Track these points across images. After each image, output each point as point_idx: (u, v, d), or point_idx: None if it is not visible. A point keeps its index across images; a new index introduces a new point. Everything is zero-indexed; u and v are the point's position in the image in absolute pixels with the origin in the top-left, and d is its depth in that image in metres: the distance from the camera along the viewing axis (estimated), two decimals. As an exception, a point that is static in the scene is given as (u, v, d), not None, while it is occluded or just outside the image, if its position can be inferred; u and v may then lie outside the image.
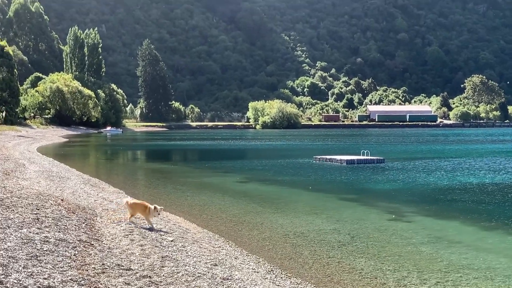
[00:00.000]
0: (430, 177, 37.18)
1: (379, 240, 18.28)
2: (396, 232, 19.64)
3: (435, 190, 30.96)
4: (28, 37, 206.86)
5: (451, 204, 26.22)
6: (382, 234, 19.24)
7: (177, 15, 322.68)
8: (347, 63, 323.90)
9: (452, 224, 21.30)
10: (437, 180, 35.29)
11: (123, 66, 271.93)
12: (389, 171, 41.26)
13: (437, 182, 34.48)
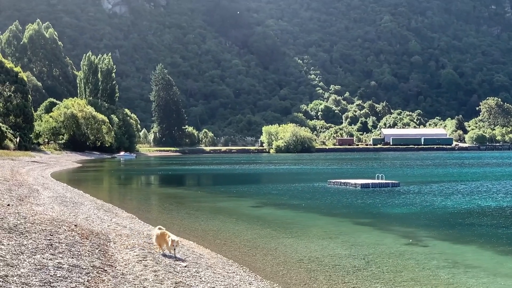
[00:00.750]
0: (447, 200, 36.82)
1: (395, 265, 18.03)
2: (413, 256, 19.38)
3: (453, 214, 30.63)
4: (42, 63, 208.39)
5: (469, 228, 25.90)
6: (398, 259, 18.98)
7: (190, 40, 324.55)
8: (361, 86, 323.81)
9: (470, 249, 20.99)
10: (454, 204, 34.93)
11: (136, 91, 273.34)
12: (404, 195, 40.92)
13: (455, 205, 34.13)
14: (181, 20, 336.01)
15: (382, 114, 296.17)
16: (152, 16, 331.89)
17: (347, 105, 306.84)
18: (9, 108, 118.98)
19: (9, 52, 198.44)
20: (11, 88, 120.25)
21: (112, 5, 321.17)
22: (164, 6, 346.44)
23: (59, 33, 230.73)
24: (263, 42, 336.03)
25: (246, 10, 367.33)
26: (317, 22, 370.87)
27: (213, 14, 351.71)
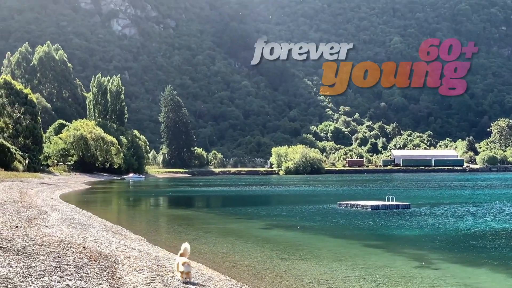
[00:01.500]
0: (459, 222, 36.48)
1: (407, 289, 17.75)
2: (424, 279, 19.10)
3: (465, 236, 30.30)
4: (52, 84, 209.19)
5: (481, 251, 25.57)
6: (409, 282, 18.71)
7: (199, 61, 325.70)
8: (371, 108, 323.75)
9: (482, 271, 20.69)
10: (466, 226, 34.59)
11: (145, 112, 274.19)
12: (415, 216, 40.60)
13: (467, 227, 33.80)
14: (190, 42, 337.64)
15: (392, 135, 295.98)
16: (162, 38, 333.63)
17: (357, 127, 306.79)
18: (18, 130, 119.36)
19: (18, 73, 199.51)
20: (20, 109, 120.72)
21: (122, 27, 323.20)
22: (173, 27, 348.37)
23: (69, 55, 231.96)
24: (273, 64, 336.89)
25: (255, 31, 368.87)
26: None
27: (222, 35, 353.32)
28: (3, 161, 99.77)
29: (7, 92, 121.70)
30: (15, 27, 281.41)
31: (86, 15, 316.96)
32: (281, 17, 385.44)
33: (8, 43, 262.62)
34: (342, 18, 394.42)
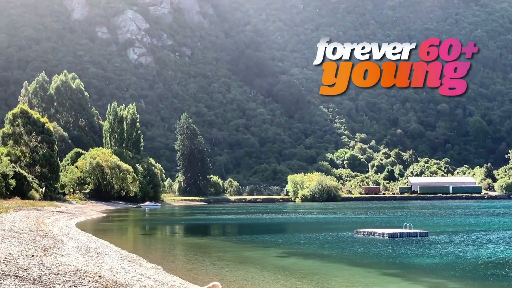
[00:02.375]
0: (479, 250, 35.93)
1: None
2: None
3: (486, 265, 29.79)
4: (68, 113, 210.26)
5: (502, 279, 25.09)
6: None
7: (215, 89, 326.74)
8: (387, 135, 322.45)
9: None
10: (487, 254, 34.04)
11: (161, 140, 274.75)
12: (433, 244, 40.07)
13: (488, 256, 33.25)
14: (206, 70, 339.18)
15: (409, 162, 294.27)
16: (177, 66, 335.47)
17: (373, 154, 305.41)
18: (35, 159, 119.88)
19: (36, 103, 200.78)
20: (37, 138, 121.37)
21: (138, 56, 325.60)
22: (189, 56, 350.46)
23: (85, 83, 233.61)
24: (288, 91, 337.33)
25: (270, 59, 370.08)
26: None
27: (238, 63, 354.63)
28: (20, 189, 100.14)
29: (24, 121, 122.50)
30: (32, 57, 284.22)
31: (103, 44, 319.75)
32: (297, 44, 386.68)
33: (26, 73, 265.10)
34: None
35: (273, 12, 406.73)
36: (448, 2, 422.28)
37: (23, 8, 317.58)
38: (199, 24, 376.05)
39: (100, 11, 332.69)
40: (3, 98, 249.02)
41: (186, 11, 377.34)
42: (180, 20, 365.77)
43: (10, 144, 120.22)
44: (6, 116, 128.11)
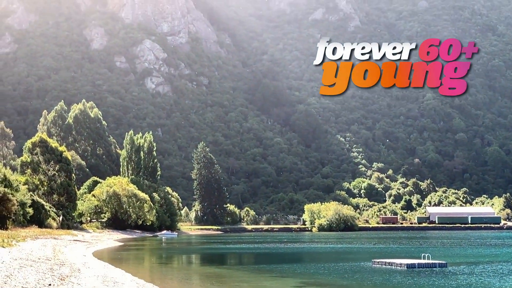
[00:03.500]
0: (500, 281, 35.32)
1: None
2: None
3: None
4: (86, 142, 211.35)
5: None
6: None
7: (232, 118, 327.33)
8: (404, 164, 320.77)
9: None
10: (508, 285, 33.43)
11: (178, 169, 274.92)
12: (453, 275, 39.48)
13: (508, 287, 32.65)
14: (223, 99, 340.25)
15: (427, 192, 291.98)
16: (195, 95, 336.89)
17: (391, 183, 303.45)
18: (53, 187, 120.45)
19: (54, 131, 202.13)
20: (55, 167, 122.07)
21: (156, 85, 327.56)
22: (206, 85, 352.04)
23: (103, 112, 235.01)
24: (305, 120, 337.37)
25: (287, 88, 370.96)
26: (359, 100, 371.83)
27: (255, 92, 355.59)
28: (38, 218, 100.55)
29: (42, 150, 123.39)
30: (51, 86, 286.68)
31: (121, 73, 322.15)
32: (313, 74, 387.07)
33: (45, 102, 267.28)
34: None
35: (290, 42, 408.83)
36: (465, 32, 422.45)
37: (43, 38, 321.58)
38: (216, 54, 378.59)
39: (118, 41, 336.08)
40: (22, 127, 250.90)
41: (204, 40, 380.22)
42: (198, 50, 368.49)
43: (28, 172, 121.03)
44: (25, 145, 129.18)
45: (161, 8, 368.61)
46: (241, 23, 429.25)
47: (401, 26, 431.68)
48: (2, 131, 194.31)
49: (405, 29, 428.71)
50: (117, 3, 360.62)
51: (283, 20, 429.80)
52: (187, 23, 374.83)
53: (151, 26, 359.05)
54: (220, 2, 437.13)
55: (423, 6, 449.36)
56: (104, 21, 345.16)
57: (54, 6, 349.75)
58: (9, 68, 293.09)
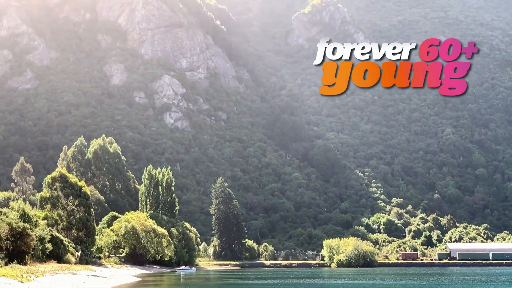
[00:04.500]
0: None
1: None
2: None
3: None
4: (105, 177, 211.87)
5: None
6: None
7: (250, 153, 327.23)
8: (424, 199, 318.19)
9: None
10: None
11: (196, 204, 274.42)
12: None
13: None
14: (241, 134, 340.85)
15: (447, 228, 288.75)
16: (213, 130, 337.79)
17: (410, 219, 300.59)
18: (71, 222, 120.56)
19: (74, 166, 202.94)
20: (74, 202, 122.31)
21: (174, 120, 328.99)
22: (224, 120, 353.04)
23: (122, 147, 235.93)
24: (324, 155, 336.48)
25: (306, 123, 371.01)
26: (377, 135, 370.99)
27: (273, 127, 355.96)
28: (56, 253, 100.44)
29: (62, 185, 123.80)
30: (71, 121, 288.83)
31: (140, 109, 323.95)
32: (332, 109, 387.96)
33: (65, 137, 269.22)
34: (393, 109, 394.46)
35: (308, 77, 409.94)
36: (484, 67, 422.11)
37: (64, 75, 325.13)
38: (235, 89, 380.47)
39: (138, 77, 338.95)
40: (42, 162, 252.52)
41: (222, 76, 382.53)
42: (216, 85, 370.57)
43: (47, 207, 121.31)
44: (45, 180, 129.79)
45: (180, 44, 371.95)
46: (259, 58, 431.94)
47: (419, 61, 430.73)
48: (22, 166, 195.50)
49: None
50: (137, 40, 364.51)
51: (302, 55, 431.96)
52: (205, 59, 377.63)
53: (170, 62, 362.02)
54: (238, 38, 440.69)
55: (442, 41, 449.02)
56: (124, 57, 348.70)
57: (75, 43, 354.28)
58: (30, 104, 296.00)
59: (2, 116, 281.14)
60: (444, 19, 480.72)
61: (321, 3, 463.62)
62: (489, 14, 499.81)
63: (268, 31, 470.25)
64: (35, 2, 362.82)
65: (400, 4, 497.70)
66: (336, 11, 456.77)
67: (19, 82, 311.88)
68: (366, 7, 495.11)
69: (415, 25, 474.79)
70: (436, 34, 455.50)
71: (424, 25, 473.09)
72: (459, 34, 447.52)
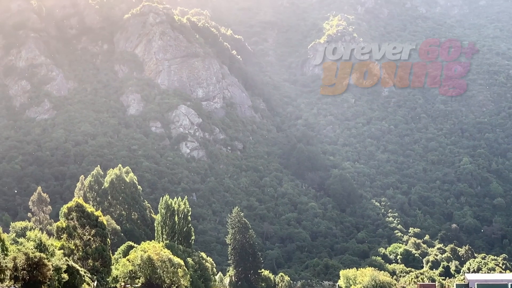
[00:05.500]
0: None
1: None
2: None
3: None
4: (122, 207, 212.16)
5: None
6: None
7: (266, 183, 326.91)
8: (441, 229, 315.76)
9: None
10: None
11: (212, 234, 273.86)
12: None
13: None
14: (257, 164, 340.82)
15: (465, 258, 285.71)
16: (229, 160, 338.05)
17: (428, 249, 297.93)
18: (88, 252, 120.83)
19: (90, 196, 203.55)
20: (91, 232, 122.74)
21: (190, 150, 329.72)
22: (240, 150, 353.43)
23: (138, 177, 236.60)
24: (340, 185, 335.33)
25: (322, 153, 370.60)
26: (394, 164, 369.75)
27: (290, 157, 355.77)
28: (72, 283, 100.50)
29: (78, 215, 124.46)
30: (88, 151, 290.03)
31: (156, 138, 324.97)
32: (348, 138, 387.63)
33: (81, 167, 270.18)
34: (409, 138, 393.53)
35: (324, 107, 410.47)
36: (501, 96, 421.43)
37: (81, 105, 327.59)
38: (251, 119, 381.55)
39: (154, 107, 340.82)
40: (59, 192, 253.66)
41: (238, 105, 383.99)
42: (232, 115, 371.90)
43: (64, 237, 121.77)
44: (61, 210, 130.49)
45: (197, 74, 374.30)
46: (275, 88, 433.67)
47: (435, 90, 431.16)
48: (39, 196, 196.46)
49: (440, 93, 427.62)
50: (154, 70, 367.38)
51: (317, 85, 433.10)
52: (222, 89, 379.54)
53: (187, 92, 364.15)
54: (254, 67, 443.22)
55: (459, 71, 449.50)
56: (140, 87, 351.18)
57: (92, 73, 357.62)
58: (48, 134, 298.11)
59: (20, 146, 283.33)
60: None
61: (337, 33, 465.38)
62: (505, 44, 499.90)
63: (284, 61, 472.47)
64: (54, 34, 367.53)
65: (416, 34, 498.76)
66: (352, 40, 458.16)
67: (37, 113, 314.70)
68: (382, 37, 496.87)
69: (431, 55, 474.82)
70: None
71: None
72: (476, 63, 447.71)
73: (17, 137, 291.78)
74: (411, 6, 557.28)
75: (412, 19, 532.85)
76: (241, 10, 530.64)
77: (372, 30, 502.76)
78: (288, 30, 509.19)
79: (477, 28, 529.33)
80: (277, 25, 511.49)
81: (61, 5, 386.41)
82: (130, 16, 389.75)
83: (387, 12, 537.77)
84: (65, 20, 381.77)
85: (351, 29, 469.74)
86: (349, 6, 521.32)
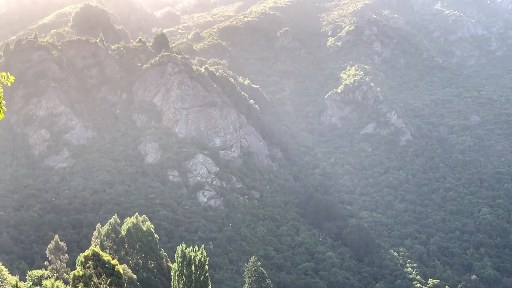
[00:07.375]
0: None
1: None
2: None
3: None
4: (138, 255, 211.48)
5: None
6: None
7: (283, 232, 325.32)
8: (461, 281, 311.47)
9: None
10: None
11: (229, 283, 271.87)
12: None
13: None
14: (274, 213, 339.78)
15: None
16: (246, 209, 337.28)
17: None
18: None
19: (107, 245, 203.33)
20: (107, 281, 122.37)
21: (208, 199, 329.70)
22: (258, 199, 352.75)
23: (155, 225, 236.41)
24: (358, 234, 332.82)
25: (339, 202, 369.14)
26: (412, 214, 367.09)
27: (307, 206, 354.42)
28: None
29: (95, 264, 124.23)
30: (106, 199, 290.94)
31: (174, 187, 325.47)
32: (365, 187, 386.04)
33: (99, 215, 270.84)
34: (427, 188, 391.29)
35: (341, 156, 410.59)
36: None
37: (99, 153, 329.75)
38: (268, 168, 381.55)
39: (172, 155, 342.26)
40: (76, 240, 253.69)
41: (256, 154, 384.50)
42: (250, 164, 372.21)
43: (80, 286, 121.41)
44: (78, 258, 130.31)
45: (214, 123, 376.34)
46: (293, 137, 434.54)
47: (453, 140, 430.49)
48: (57, 245, 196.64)
49: (458, 143, 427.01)
50: (171, 119, 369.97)
51: (335, 134, 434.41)
52: (239, 138, 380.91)
53: (204, 141, 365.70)
54: (272, 117, 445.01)
55: (475, 120, 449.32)
56: (158, 136, 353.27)
57: (111, 123, 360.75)
58: (66, 182, 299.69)
59: (38, 195, 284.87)
60: (478, 99, 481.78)
61: (354, 82, 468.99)
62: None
63: (301, 110, 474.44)
64: (74, 83, 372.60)
65: (433, 84, 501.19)
66: (369, 90, 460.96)
67: (55, 161, 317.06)
68: (399, 87, 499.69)
69: (448, 104, 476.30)
70: (469, 114, 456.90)
71: (458, 104, 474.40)
72: (493, 113, 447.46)
73: (35, 186, 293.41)
74: (427, 57, 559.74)
75: (429, 69, 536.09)
76: (258, 60, 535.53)
77: (389, 80, 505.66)
78: (305, 80, 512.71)
79: (494, 79, 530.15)
80: (294, 75, 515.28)
81: (82, 55, 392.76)
82: (149, 66, 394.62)
83: (403, 62, 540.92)
84: (85, 70, 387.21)
85: (368, 78, 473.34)
86: (366, 56, 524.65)
